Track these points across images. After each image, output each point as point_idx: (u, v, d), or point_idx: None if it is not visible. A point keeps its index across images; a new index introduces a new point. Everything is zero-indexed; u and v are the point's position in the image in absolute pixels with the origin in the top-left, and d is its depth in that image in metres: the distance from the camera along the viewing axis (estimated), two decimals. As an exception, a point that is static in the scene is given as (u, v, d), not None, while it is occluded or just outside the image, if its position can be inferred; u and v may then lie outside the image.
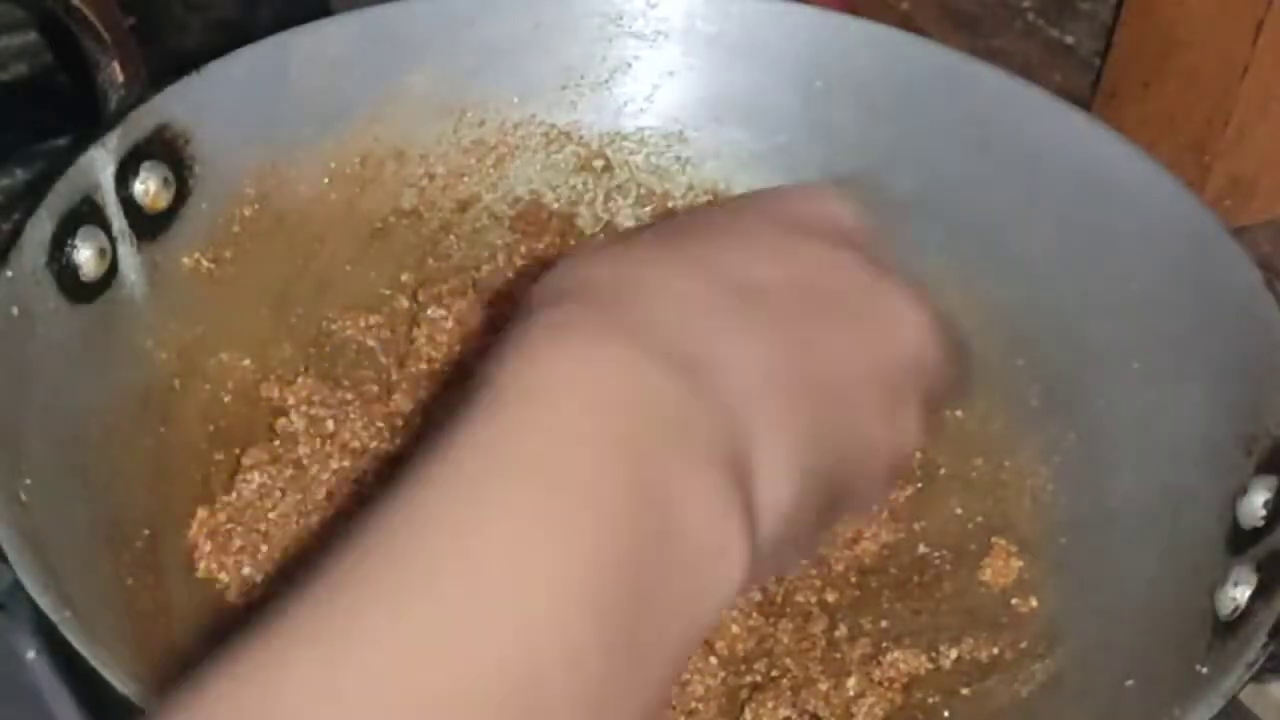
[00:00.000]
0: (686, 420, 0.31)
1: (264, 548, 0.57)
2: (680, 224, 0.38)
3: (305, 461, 0.60)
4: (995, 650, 0.56)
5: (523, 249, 0.67)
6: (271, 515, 0.58)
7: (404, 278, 0.66)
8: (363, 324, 0.64)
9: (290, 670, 0.27)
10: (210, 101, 0.60)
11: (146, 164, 0.58)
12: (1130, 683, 0.51)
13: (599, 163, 0.69)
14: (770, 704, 0.54)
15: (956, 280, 0.64)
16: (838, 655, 0.57)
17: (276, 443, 0.60)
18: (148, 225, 0.59)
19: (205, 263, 0.61)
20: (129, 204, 0.58)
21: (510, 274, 0.67)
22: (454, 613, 0.28)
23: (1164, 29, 0.74)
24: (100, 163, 0.57)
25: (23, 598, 0.45)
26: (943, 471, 0.63)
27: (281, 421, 0.61)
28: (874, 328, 0.37)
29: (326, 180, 0.64)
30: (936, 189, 0.65)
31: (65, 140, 0.71)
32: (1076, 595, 0.57)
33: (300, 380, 0.62)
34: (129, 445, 0.56)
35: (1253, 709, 0.59)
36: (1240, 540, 0.52)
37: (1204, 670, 0.48)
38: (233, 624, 0.56)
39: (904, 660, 0.56)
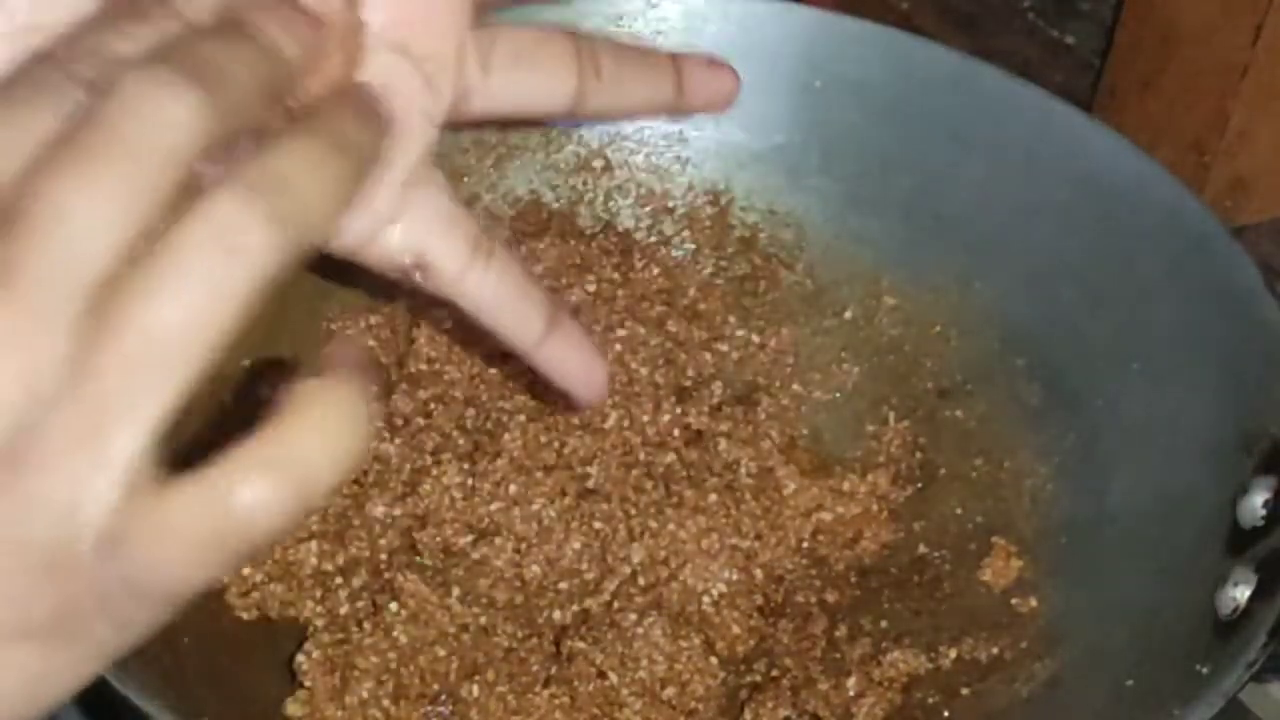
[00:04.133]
0: None
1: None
2: None
3: (305, 461, 0.59)
4: (995, 650, 0.56)
5: (523, 249, 0.67)
6: (271, 515, 0.58)
7: (404, 278, 0.66)
8: (363, 324, 0.64)
9: None
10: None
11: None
12: (1130, 683, 0.51)
13: (599, 162, 0.69)
14: (770, 704, 0.54)
15: (956, 280, 0.64)
16: (838, 655, 0.57)
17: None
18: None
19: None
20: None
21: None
22: None
23: (1164, 29, 0.74)
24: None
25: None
26: (943, 471, 0.63)
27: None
28: None
29: (326, 180, 0.64)
30: (936, 189, 0.65)
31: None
32: (1076, 595, 0.57)
33: (300, 380, 0.62)
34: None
35: (1253, 709, 0.59)
36: (1240, 540, 0.52)
37: (1204, 670, 0.48)
38: (232, 624, 0.56)
39: (904, 660, 0.56)
